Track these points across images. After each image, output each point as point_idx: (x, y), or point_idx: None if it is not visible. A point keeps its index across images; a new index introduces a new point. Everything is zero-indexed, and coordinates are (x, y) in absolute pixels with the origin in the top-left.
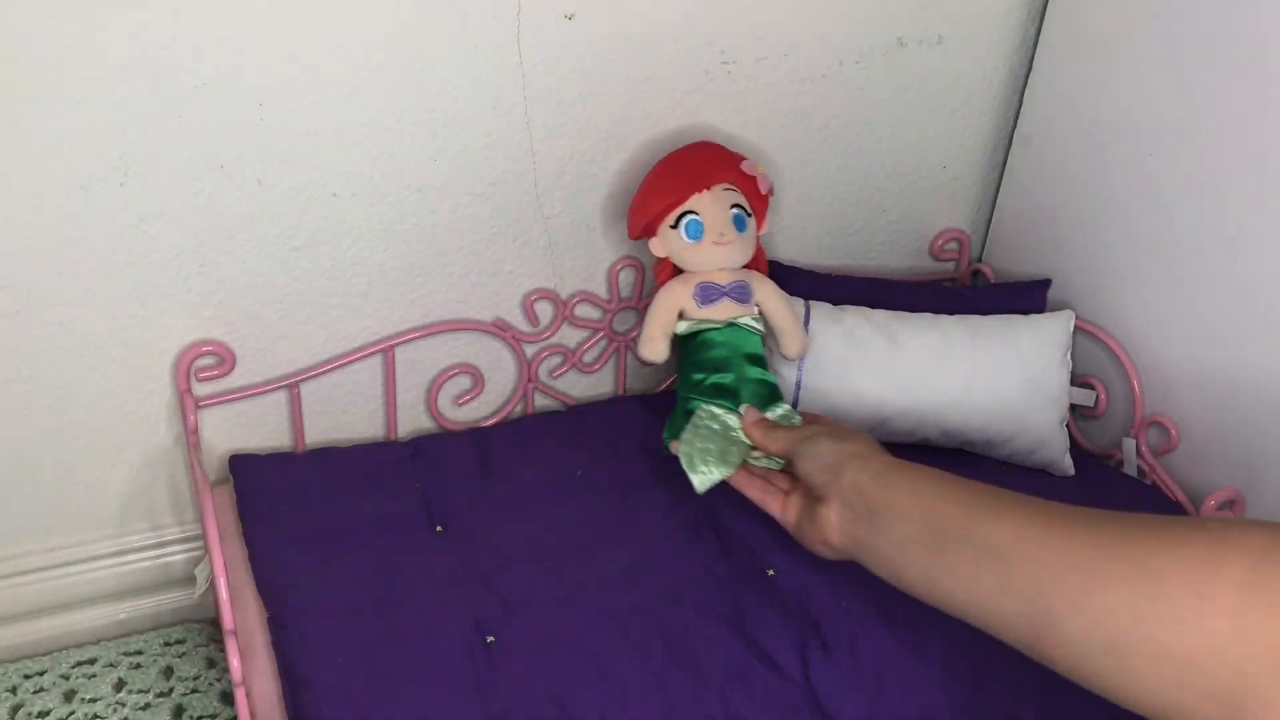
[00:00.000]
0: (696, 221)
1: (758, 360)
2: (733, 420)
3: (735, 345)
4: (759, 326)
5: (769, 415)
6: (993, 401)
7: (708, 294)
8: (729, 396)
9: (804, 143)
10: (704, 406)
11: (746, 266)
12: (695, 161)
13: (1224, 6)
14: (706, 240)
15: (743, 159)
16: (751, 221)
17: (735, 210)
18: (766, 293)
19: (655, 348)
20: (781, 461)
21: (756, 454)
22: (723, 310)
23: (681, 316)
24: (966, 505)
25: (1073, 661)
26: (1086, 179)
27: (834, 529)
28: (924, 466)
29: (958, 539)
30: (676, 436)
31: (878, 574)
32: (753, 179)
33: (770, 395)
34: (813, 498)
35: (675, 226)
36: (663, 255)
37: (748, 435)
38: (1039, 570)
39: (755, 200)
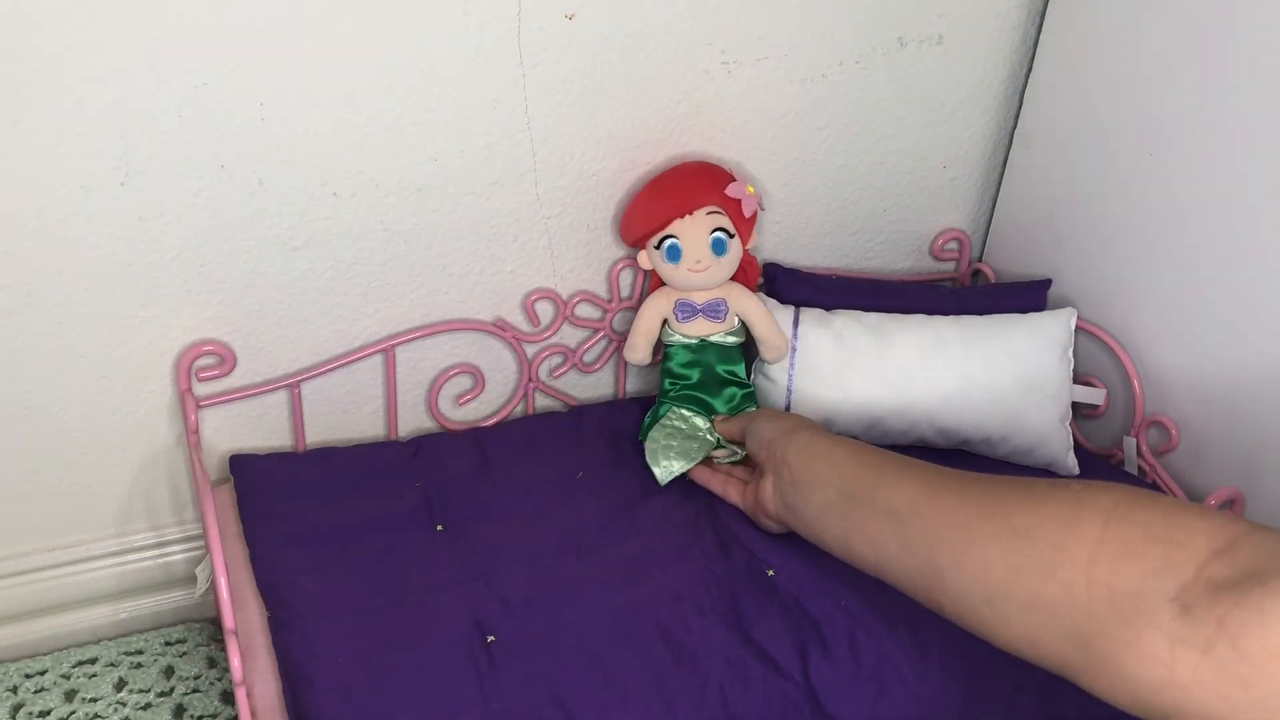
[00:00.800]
0: (676, 246)
1: (729, 373)
2: (699, 421)
3: (706, 359)
4: (733, 340)
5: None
6: (987, 400)
7: (684, 311)
8: (698, 404)
9: (804, 142)
10: (674, 409)
11: (734, 278)
12: (680, 185)
13: (1225, 6)
14: (683, 265)
15: (730, 180)
16: (733, 242)
17: (716, 234)
18: (746, 305)
19: (636, 355)
20: (741, 452)
21: (719, 452)
22: (697, 328)
23: (667, 324)
24: (874, 473)
25: (958, 610)
26: (1087, 179)
27: (769, 498)
28: (845, 438)
29: (866, 503)
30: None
31: (806, 537)
32: (738, 201)
33: (739, 404)
34: (759, 476)
35: (658, 247)
36: (648, 268)
37: (715, 429)
38: (930, 530)
39: (740, 221)
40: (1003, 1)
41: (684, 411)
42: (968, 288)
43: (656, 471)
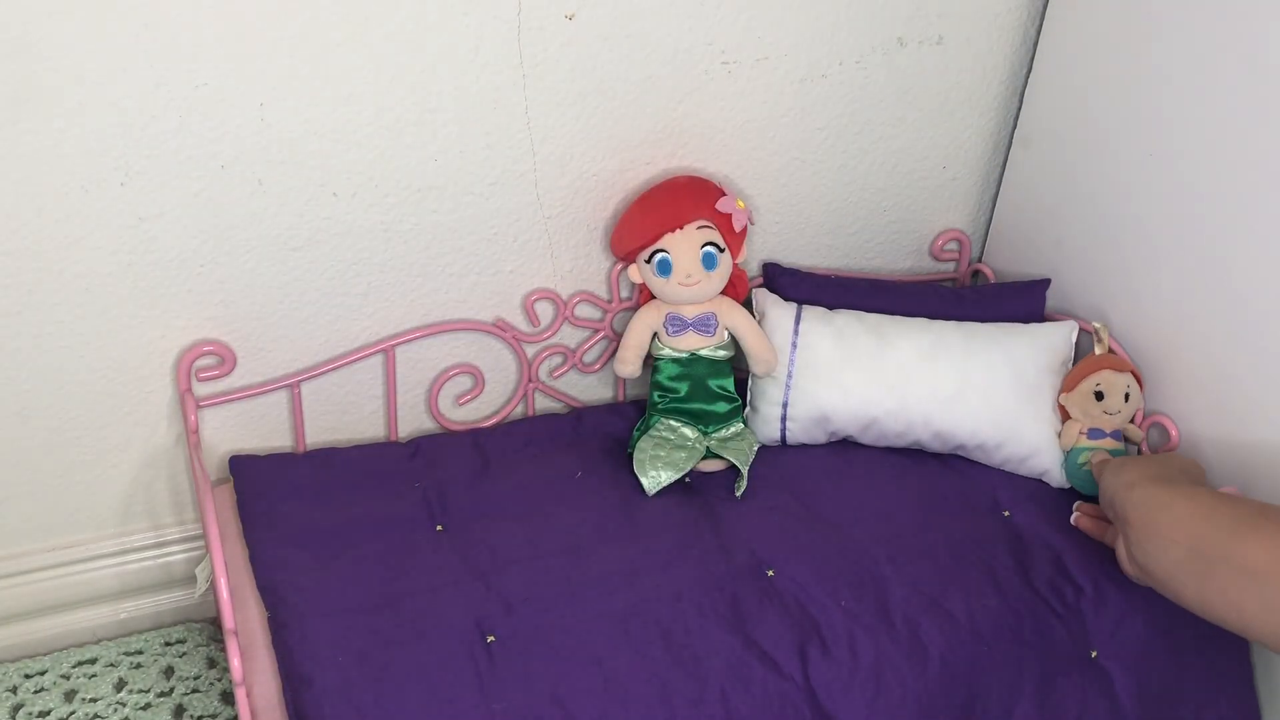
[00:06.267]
0: (666, 260)
1: (719, 386)
2: (688, 431)
3: (696, 373)
4: (723, 354)
5: (721, 434)
6: (984, 406)
7: (674, 325)
8: (686, 416)
9: (804, 142)
10: (663, 420)
11: (724, 292)
12: (670, 199)
13: (1224, 6)
14: (674, 279)
15: (721, 195)
16: (724, 256)
17: (707, 248)
18: (736, 320)
19: (626, 368)
20: (729, 462)
21: (707, 462)
22: (687, 341)
23: (657, 338)
24: (1224, 530)
25: None
26: (1087, 179)
27: (1123, 560)
28: (1186, 489)
29: (1219, 563)
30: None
31: (1163, 594)
32: (728, 215)
33: (726, 418)
34: (1115, 533)
35: (649, 261)
36: (639, 282)
37: (1077, 524)
38: None
39: (730, 235)
40: (1003, 1)
41: (672, 422)
42: (967, 288)
43: (645, 482)
